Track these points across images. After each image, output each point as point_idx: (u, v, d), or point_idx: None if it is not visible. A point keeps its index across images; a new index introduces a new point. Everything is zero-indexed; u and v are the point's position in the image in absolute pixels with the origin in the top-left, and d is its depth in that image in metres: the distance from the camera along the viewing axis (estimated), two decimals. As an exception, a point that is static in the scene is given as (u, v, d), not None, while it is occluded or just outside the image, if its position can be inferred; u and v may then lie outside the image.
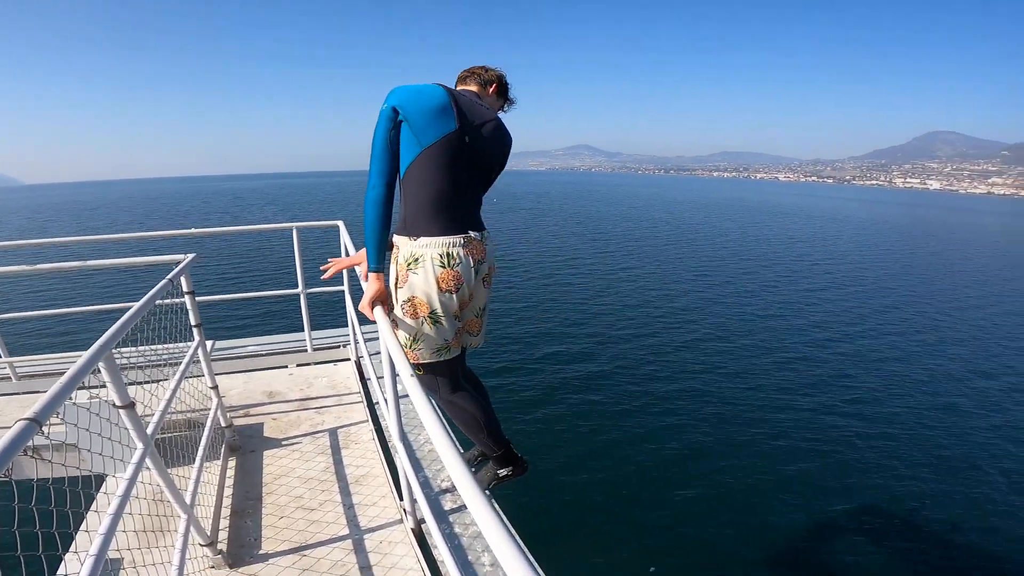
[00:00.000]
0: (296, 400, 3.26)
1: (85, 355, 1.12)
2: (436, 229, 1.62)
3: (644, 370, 9.63)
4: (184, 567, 1.44)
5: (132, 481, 1.18)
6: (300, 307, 3.64)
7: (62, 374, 1.03)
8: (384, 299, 1.70)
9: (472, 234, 1.68)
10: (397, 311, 1.72)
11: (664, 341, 11.20)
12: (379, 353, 3.64)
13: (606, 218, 38.78)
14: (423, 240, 1.62)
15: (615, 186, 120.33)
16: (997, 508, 6.11)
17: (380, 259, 1.66)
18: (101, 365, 1.21)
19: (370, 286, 1.68)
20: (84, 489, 1.13)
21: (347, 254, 2.96)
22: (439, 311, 1.67)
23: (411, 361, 1.77)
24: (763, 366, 10.04)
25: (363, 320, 2.54)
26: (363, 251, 1.74)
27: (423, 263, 1.62)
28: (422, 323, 1.69)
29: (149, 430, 1.42)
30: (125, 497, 1.11)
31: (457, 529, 1.98)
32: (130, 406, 1.32)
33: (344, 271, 2.81)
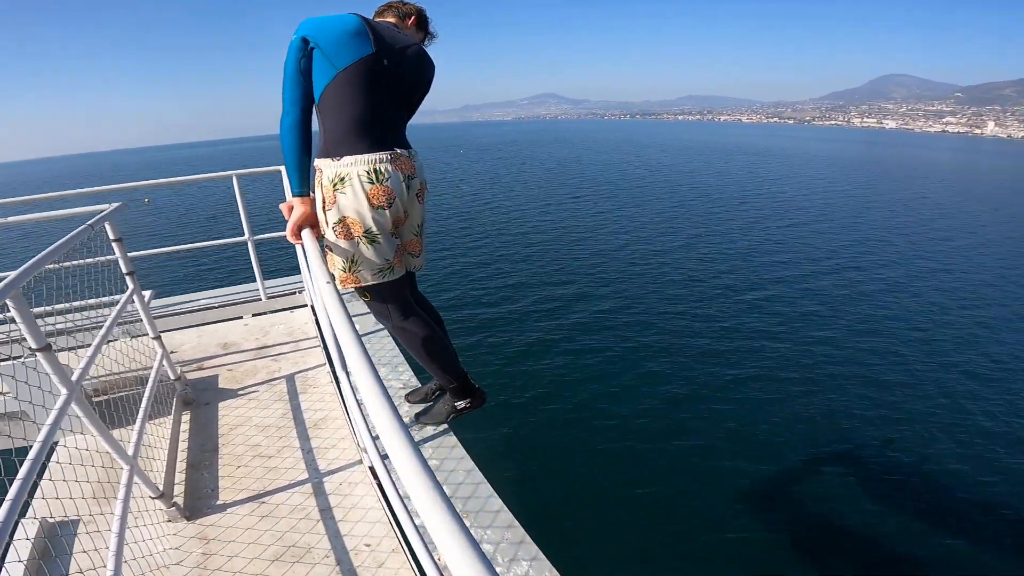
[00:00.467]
0: (252, 350, 3.17)
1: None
2: (361, 148, 1.59)
3: (623, 317, 9.76)
4: (127, 519, 1.40)
5: (54, 428, 1.11)
6: (249, 256, 3.50)
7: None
8: (313, 224, 1.66)
9: (399, 151, 1.66)
10: (328, 235, 1.67)
11: (639, 285, 11.39)
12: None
13: (573, 164, 38.53)
14: (347, 159, 1.58)
15: (581, 132, 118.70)
16: (970, 438, 6.38)
17: (302, 182, 1.64)
18: (10, 304, 1.11)
19: (294, 211, 1.64)
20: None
21: None
22: (374, 229, 1.64)
23: (354, 286, 1.75)
24: (735, 305, 10.27)
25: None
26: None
27: (350, 182, 1.58)
28: (358, 244, 1.65)
29: (74, 376, 1.33)
30: (44, 445, 1.03)
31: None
32: (46, 348, 1.23)
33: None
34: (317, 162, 1.67)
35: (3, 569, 1.22)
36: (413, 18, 1.86)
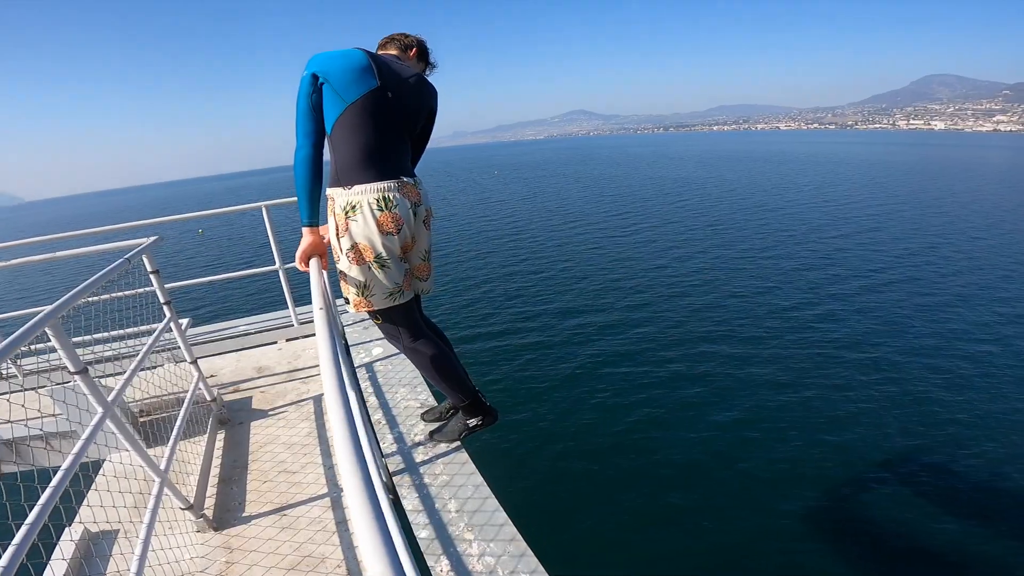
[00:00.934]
0: (284, 373, 3.35)
1: (31, 322, 1.18)
2: (369, 176, 1.70)
3: (669, 332, 9.54)
4: (154, 527, 1.53)
5: (87, 443, 1.25)
6: (281, 284, 3.71)
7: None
8: (321, 253, 1.80)
9: (405, 179, 1.77)
10: (342, 262, 1.78)
11: (682, 304, 10.97)
12: (361, 321, 3.74)
13: (609, 180, 38.15)
14: (357, 188, 1.69)
15: (614, 147, 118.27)
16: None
17: (312, 214, 1.75)
18: (49, 332, 1.27)
19: (303, 240, 1.78)
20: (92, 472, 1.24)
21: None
22: (384, 254, 1.74)
23: (365, 309, 1.86)
24: (789, 324, 9.71)
25: (337, 293, 2.60)
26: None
27: (360, 209, 1.69)
28: (369, 268, 1.76)
29: (110, 397, 1.49)
30: (76, 458, 1.18)
31: (427, 479, 2.06)
32: (83, 371, 1.39)
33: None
34: (329, 191, 1.78)
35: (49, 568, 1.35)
36: (415, 50, 1.97)
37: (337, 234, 1.75)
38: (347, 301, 1.90)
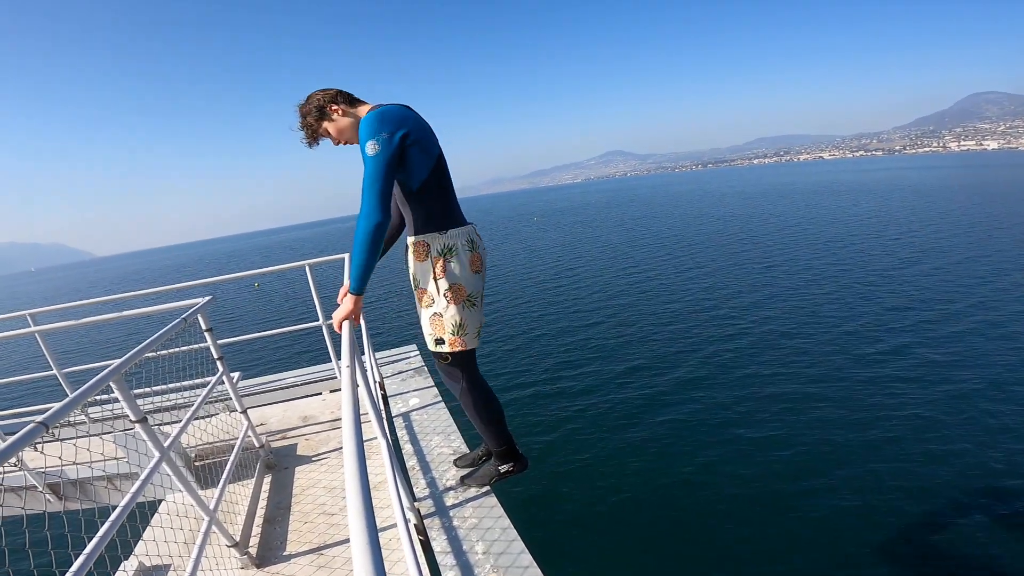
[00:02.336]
0: (327, 422, 3.53)
1: (97, 377, 1.39)
2: (459, 221, 1.87)
3: (738, 372, 9.28)
4: (200, 563, 1.67)
5: (144, 483, 1.42)
6: (324, 338, 3.95)
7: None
8: (358, 317, 1.84)
9: (473, 224, 1.94)
10: (439, 303, 1.88)
11: (727, 347, 10.62)
12: (399, 374, 3.91)
13: (651, 222, 37.63)
14: (452, 232, 1.85)
15: (654, 188, 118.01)
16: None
17: (364, 283, 1.75)
18: (113, 386, 1.47)
19: (348, 304, 1.76)
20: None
21: None
22: (473, 293, 1.89)
23: (458, 349, 1.94)
24: (854, 356, 9.30)
25: (379, 347, 2.76)
26: (346, 287, 1.93)
27: (456, 251, 1.84)
28: (463, 308, 1.88)
29: (166, 443, 1.68)
30: (133, 497, 1.34)
31: (456, 522, 2.13)
32: (143, 420, 1.58)
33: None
34: (420, 237, 1.87)
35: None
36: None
37: (434, 277, 1.86)
38: (438, 343, 1.95)
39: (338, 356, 4.08)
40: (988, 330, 9.92)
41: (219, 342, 2.63)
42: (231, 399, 2.83)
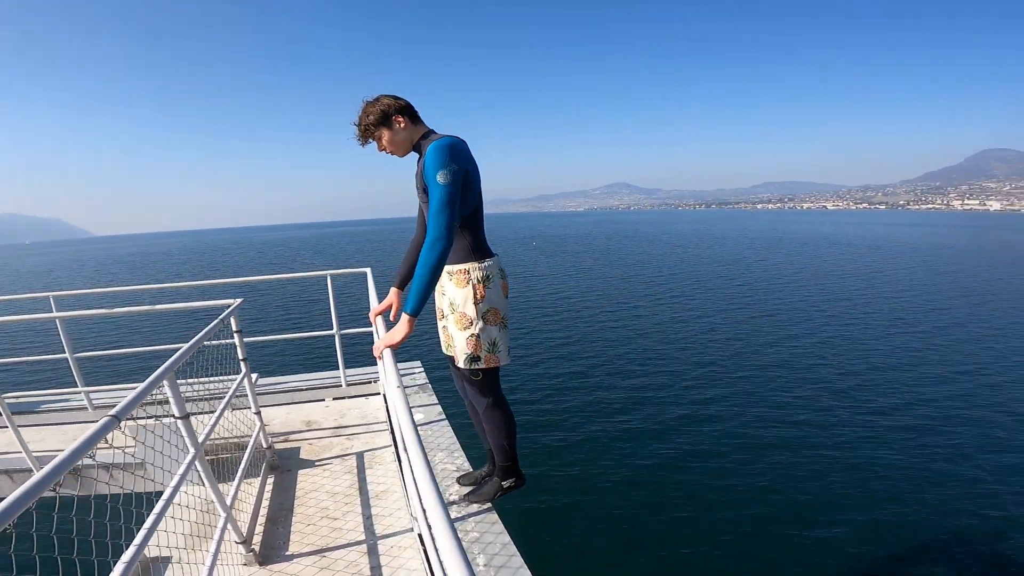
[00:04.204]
0: (330, 428, 3.60)
1: (155, 373, 1.49)
2: (491, 251, 2.05)
3: (744, 414, 9.26)
4: (218, 558, 1.75)
5: (182, 478, 1.52)
6: (335, 346, 4.05)
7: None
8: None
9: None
10: (477, 325, 2.01)
11: (746, 388, 10.58)
12: (404, 388, 4.00)
13: (656, 260, 36.98)
14: (488, 261, 2.01)
15: (657, 224, 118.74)
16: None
17: (422, 306, 1.78)
18: (165, 383, 1.57)
19: (404, 327, 1.75)
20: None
21: (376, 300, 3.25)
22: (505, 316, 2.07)
23: (493, 366, 2.08)
24: (848, 410, 9.32)
25: (403, 357, 2.85)
26: (390, 299, 2.23)
27: (493, 279, 2.01)
28: (499, 329, 2.05)
29: (200, 439, 1.77)
30: (175, 490, 1.44)
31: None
32: (186, 417, 1.68)
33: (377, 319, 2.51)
34: (463, 266, 2.00)
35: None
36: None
37: (475, 301, 2.00)
38: (474, 360, 2.05)
39: (347, 365, 4.18)
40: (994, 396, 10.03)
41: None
42: (245, 396, 2.92)
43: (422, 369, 4.44)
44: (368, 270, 3.69)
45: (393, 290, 2.35)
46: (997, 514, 6.24)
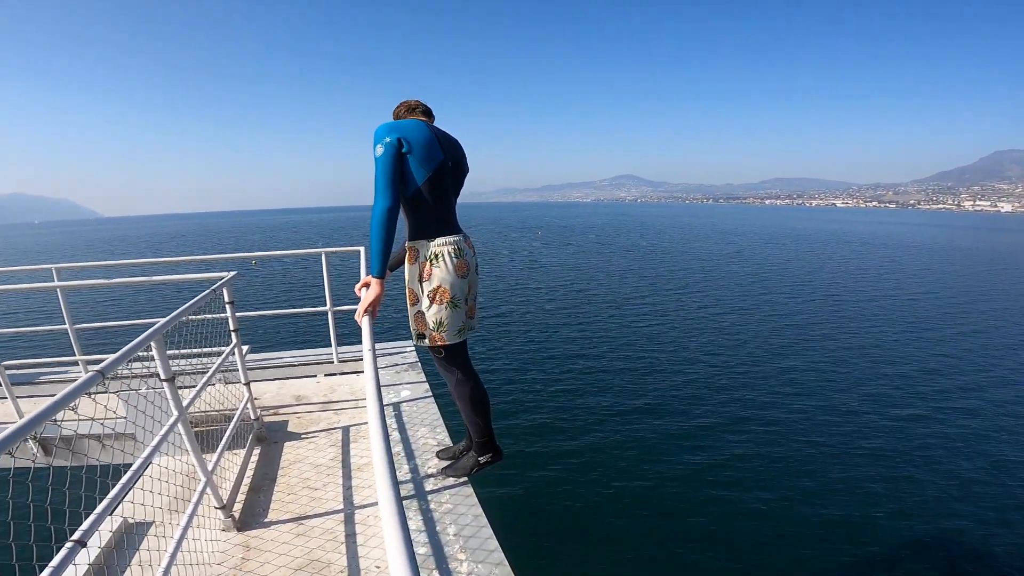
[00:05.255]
0: (319, 403, 3.67)
1: (144, 334, 1.55)
2: (447, 231, 2.07)
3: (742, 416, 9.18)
4: (194, 521, 1.82)
5: (162, 439, 1.58)
6: (328, 323, 4.12)
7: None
8: (377, 305, 2.06)
9: (464, 233, 2.16)
10: (423, 302, 2.11)
11: (753, 391, 10.26)
12: (394, 366, 4.07)
13: (662, 253, 36.29)
14: (439, 240, 2.05)
15: (664, 217, 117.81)
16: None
17: (384, 265, 1.98)
18: (152, 344, 1.63)
19: (373, 290, 2.01)
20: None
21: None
22: (457, 295, 2.09)
23: (439, 344, 2.15)
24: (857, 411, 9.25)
25: (387, 338, 2.91)
26: (365, 279, 2.18)
27: (442, 257, 2.04)
28: (445, 308, 2.08)
29: (184, 403, 1.84)
30: (153, 450, 1.50)
31: (432, 506, 2.28)
32: (171, 379, 1.74)
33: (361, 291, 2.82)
34: (411, 243, 2.12)
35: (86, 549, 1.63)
36: (428, 111, 2.27)
37: (420, 278, 2.09)
38: (420, 338, 2.19)
39: (339, 343, 4.24)
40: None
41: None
42: (235, 370, 2.99)
43: (413, 348, 4.51)
44: (361, 249, 3.74)
45: None
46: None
